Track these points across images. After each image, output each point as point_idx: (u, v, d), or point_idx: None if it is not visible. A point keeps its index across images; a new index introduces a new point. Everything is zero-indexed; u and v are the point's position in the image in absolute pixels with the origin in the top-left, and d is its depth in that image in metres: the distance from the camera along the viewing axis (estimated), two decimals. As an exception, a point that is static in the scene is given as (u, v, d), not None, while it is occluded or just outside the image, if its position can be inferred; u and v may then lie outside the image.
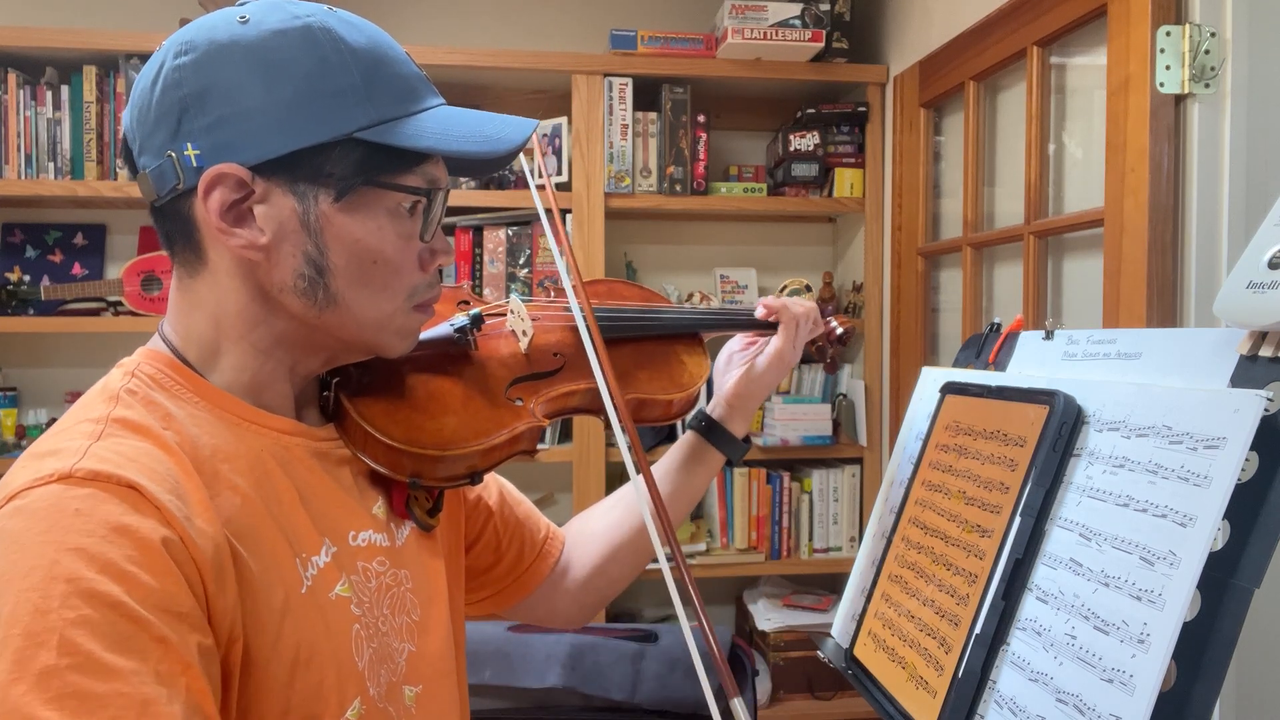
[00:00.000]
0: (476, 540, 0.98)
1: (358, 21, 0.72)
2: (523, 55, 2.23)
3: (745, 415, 1.06)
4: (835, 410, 2.44)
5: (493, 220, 2.30)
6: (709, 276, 2.57)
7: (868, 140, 2.39)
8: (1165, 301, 1.34)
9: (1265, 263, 0.64)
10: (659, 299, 1.09)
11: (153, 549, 0.58)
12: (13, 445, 2.27)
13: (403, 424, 0.78)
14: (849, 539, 2.40)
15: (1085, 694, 0.64)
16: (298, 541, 0.70)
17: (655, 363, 1.00)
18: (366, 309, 0.73)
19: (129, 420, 0.65)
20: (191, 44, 0.68)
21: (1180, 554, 0.61)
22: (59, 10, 2.36)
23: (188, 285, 0.73)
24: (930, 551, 0.86)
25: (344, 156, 0.68)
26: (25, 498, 0.58)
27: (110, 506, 0.58)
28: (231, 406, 0.71)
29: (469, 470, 0.81)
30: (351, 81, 0.68)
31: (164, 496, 0.61)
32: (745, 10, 2.21)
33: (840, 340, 1.18)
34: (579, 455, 2.26)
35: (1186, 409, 0.66)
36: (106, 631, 0.54)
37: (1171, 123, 1.34)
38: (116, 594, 0.55)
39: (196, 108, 0.67)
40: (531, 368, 0.91)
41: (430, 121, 0.71)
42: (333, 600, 0.70)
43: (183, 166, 0.67)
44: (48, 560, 0.55)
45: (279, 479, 0.71)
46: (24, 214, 2.35)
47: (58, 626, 0.53)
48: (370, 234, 0.71)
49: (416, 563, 0.81)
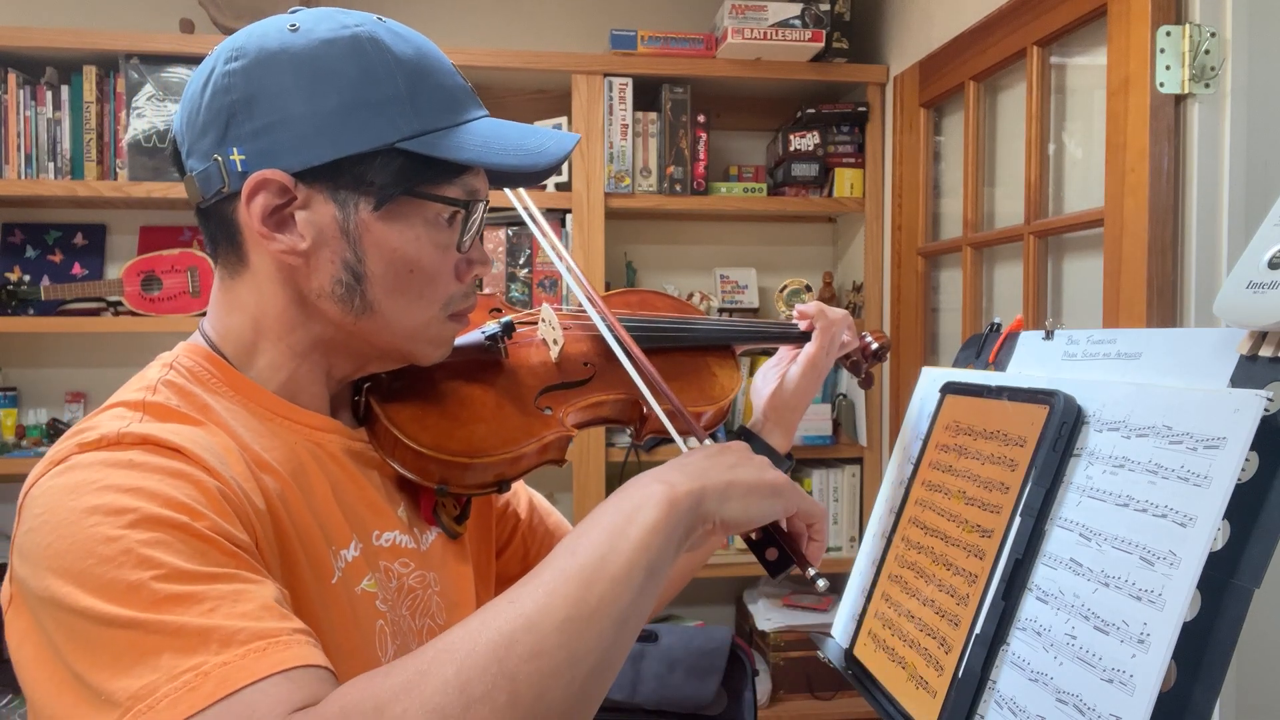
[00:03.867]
0: (505, 548, 0.99)
1: (406, 32, 0.72)
2: (523, 55, 2.23)
3: (784, 428, 1.04)
4: (835, 410, 2.44)
5: (493, 220, 2.30)
6: (709, 276, 2.57)
7: (868, 140, 2.39)
8: (1165, 301, 1.34)
9: (1265, 263, 0.64)
10: (692, 310, 1.08)
11: (208, 490, 0.60)
12: (13, 445, 2.27)
13: (432, 430, 0.78)
14: (849, 539, 2.40)
15: (1085, 694, 0.64)
16: (330, 533, 0.70)
17: (686, 375, 0.99)
18: (402, 317, 0.73)
19: (166, 407, 0.66)
20: (242, 50, 0.68)
21: (1180, 554, 0.61)
22: (59, 10, 2.36)
23: (229, 286, 0.74)
24: (930, 551, 0.86)
25: (385, 166, 0.69)
26: (70, 462, 0.60)
27: (161, 459, 0.60)
28: (267, 402, 0.72)
29: (497, 478, 0.81)
30: (396, 92, 0.68)
31: (210, 459, 0.62)
32: (745, 10, 2.21)
33: (876, 355, 1.16)
34: (579, 455, 2.26)
35: (1186, 409, 0.66)
36: (181, 549, 0.56)
37: (1171, 123, 1.34)
38: (182, 519, 0.57)
39: (244, 113, 0.67)
40: (562, 377, 0.90)
41: (472, 134, 0.72)
42: (359, 594, 0.71)
43: (228, 170, 0.68)
44: (108, 499, 0.56)
45: (313, 472, 0.72)
46: (24, 214, 2.35)
47: (133, 547, 0.54)
48: (408, 243, 0.71)
49: (444, 567, 0.81)
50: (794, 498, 0.75)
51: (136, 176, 2.13)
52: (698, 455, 0.72)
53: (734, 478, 0.70)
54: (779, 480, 0.73)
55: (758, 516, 0.71)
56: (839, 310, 1.07)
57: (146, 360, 0.75)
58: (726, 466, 0.71)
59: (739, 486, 0.69)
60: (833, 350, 1.05)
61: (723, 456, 0.72)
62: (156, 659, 0.51)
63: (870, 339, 1.15)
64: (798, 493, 0.75)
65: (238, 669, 0.52)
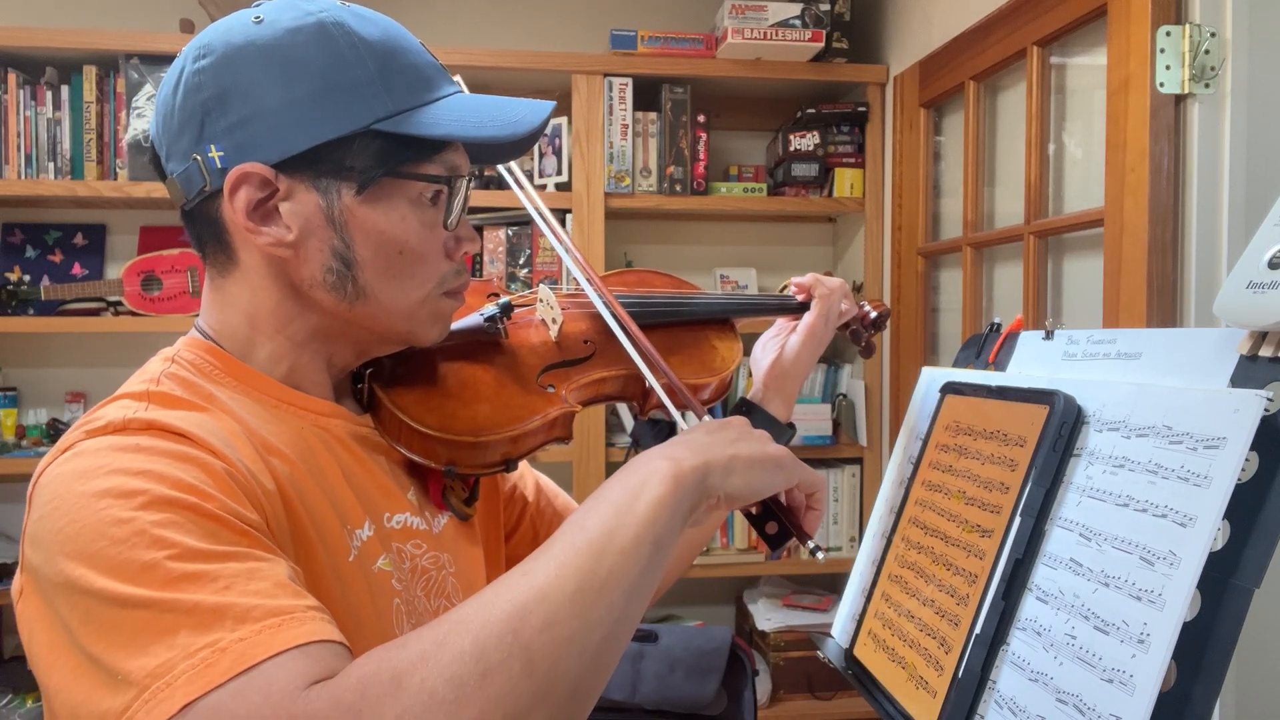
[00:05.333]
0: (513, 531, 0.99)
1: (370, 14, 0.72)
2: (523, 55, 2.23)
3: (784, 397, 1.05)
4: (835, 410, 2.44)
5: (493, 220, 2.30)
6: (709, 276, 2.57)
7: (868, 140, 2.39)
8: (1165, 301, 1.34)
9: (1265, 263, 0.64)
10: (691, 287, 1.09)
11: (216, 472, 0.60)
12: (13, 445, 2.27)
13: (436, 411, 0.79)
14: (849, 539, 2.40)
15: (1085, 694, 0.64)
16: (344, 513, 0.71)
17: (687, 348, 1.00)
18: (396, 299, 0.73)
19: (171, 396, 0.67)
20: (209, 47, 0.68)
21: (1180, 554, 0.61)
22: (59, 10, 2.36)
23: (220, 285, 0.74)
24: (930, 551, 0.86)
25: (364, 149, 0.69)
26: (82, 445, 0.60)
27: (169, 443, 0.60)
28: (271, 389, 0.73)
29: (504, 457, 0.82)
30: (367, 74, 0.68)
31: (217, 443, 0.62)
32: (745, 10, 2.21)
33: (875, 324, 1.17)
34: (579, 455, 2.26)
35: (1186, 409, 0.66)
36: (193, 529, 0.56)
37: (1171, 123, 1.34)
38: (193, 501, 0.57)
39: (218, 110, 0.67)
40: (562, 355, 0.91)
41: (446, 109, 0.72)
42: (375, 573, 0.71)
43: (208, 169, 0.68)
44: (118, 483, 0.57)
45: (322, 455, 0.72)
46: (24, 214, 2.35)
47: (146, 528, 0.55)
48: (394, 224, 0.71)
49: (457, 549, 0.82)
50: (795, 470, 0.75)
51: (136, 176, 2.13)
52: (700, 431, 0.73)
53: (737, 451, 0.70)
54: (780, 453, 0.74)
55: (761, 489, 0.72)
56: (835, 279, 1.07)
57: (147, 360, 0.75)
58: (729, 441, 0.72)
59: (742, 460, 0.70)
60: (831, 318, 1.06)
61: (724, 431, 0.73)
62: (173, 637, 0.52)
63: (869, 307, 1.16)
64: (798, 465, 0.76)
65: (254, 644, 0.52)
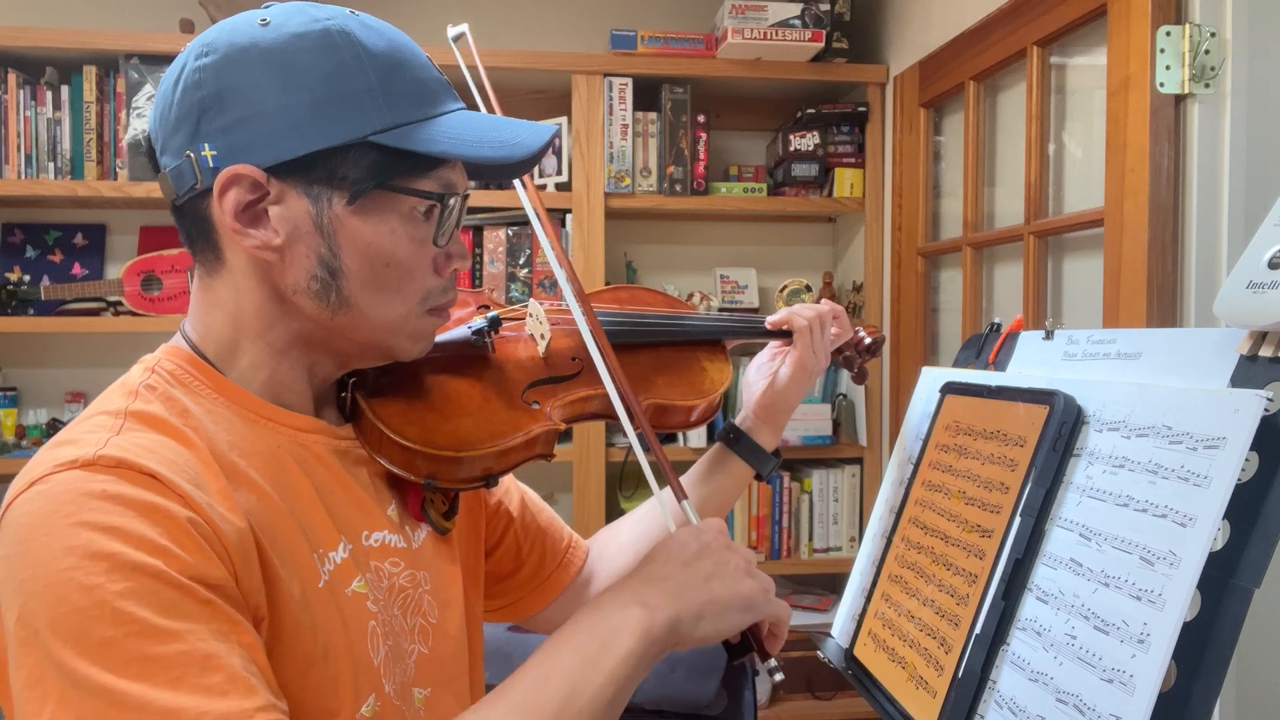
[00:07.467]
0: (497, 546, 0.98)
1: (378, 25, 0.72)
2: (522, 55, 2.23)
3: (773, 427, 1.05)
4: (835, 410, 2.44)
5: (493, 220, 2.30)
6: (709, 276, 2.57)
7: (868, 140, 2.39)
8: (1165, 301, 1.34)
9: (1265, 263, 0.64)
10: (684, 306, 1.08)
11: (181, 526, 0.60)
12: (13, 445, 2.27)
13: (418, 425, 0.78)
14: (849, 539, 2.40)
15: (1085, 694, 0.64)
16: (315, 537, 0.70)
17: (676, 369, 0.99)
18: (379, 312, 0.73)
19: (147, 414, 0.66)
20: (212, 46, 0.68)
21: (1180, 554, 0.61)
22: (59, 10, 2.36)
23: (207, 284, 0.74)
24: (930, 551, 0.86)
25: (359, 159, 0.68)
26: (47, 483, 0.60)
27: (135, 490, 0.60)
28: (249, 403, 0.72)
29: (484, 472, 0.81)
30: (368, 85, 0.68)
31: (184, 485, 0.62)
32: (745, 10, 2.21)
33: (869, 350, 1.16)
34: (579, 455, 2.26)
35: (1186, 409, 0.66)
36: (154, 600, 0.56)
37: (1171, 123, 1.34)
38: (158, 565, 0.57)
39: (215, 109, 0.67)
40: (549, 371, 0.91)
41: (447, 126, 0.71)
42: (349, 596, 0.71)
43: (200, 167, 0.68)
44: (83, 540, 0.57)
45: (296, 475, 0.71)
46: (24, 214, 2.35)
47: (107, 599, 0.55)
48: (383, 237, 0.71)
49: (434, 566, 0.81)
50: (765, 608, 0.75)
51: (136, 176, 2.13)
52: (675, 562, 0.73)
53: (711, 595, 0.71)
54: (753, 592, 0.74)
55: (729, 631, 0.73)
56: (811, 307, 1.06)
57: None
58: (703, 579, 0.72)
59: (715, 605, 0.71)
60: (819, 348, 1.05)
61: (700, 563, 0.73)
62: None
63: (863, 333, 1.15)
64: (769, 602, 0.75)
65: None
